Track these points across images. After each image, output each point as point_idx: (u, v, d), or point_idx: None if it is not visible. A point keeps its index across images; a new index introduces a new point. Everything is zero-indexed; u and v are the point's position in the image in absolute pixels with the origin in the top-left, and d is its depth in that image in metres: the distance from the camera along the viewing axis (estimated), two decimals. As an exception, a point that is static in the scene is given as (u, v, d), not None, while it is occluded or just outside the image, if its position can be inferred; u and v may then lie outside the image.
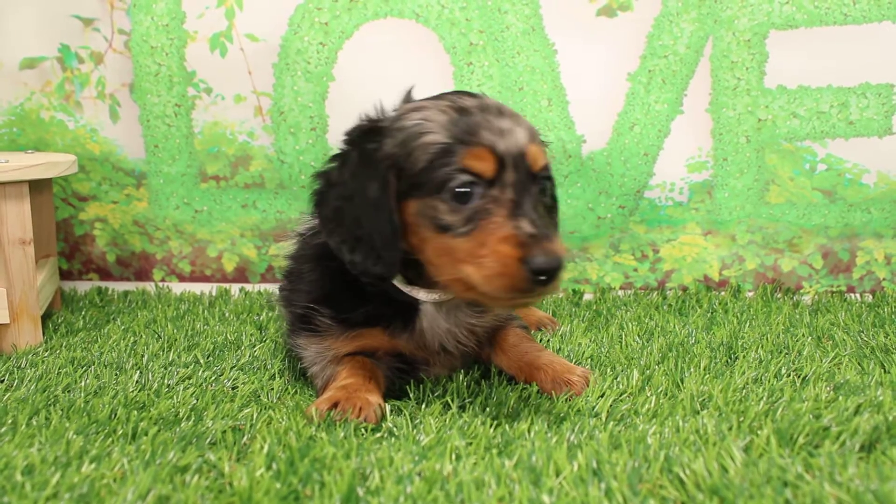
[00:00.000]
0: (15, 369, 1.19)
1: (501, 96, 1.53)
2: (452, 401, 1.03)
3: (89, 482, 0.81)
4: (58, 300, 1.52)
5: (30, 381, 1.13)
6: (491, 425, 0.95)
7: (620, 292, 1.58)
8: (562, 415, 0.99)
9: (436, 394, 1.07)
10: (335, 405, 0.98)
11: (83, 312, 1.49)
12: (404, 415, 0.99)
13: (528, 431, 0.93)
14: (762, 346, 1.24)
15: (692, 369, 1.14)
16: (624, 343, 1.28)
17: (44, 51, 1.52)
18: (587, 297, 1.58)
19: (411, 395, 1.06)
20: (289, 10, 1.50)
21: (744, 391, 1.05)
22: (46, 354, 1.26)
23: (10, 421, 0.98)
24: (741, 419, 0.94)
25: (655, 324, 1.38)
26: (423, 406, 1.03)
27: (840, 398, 1.00)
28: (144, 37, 1.51)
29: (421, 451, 0.87)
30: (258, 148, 1.55)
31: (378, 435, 0.94)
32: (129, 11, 1.51)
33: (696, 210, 1.55)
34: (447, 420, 0.97)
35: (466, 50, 1.52)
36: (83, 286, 1.63)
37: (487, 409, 1.01)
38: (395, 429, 0.95)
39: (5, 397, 1.07)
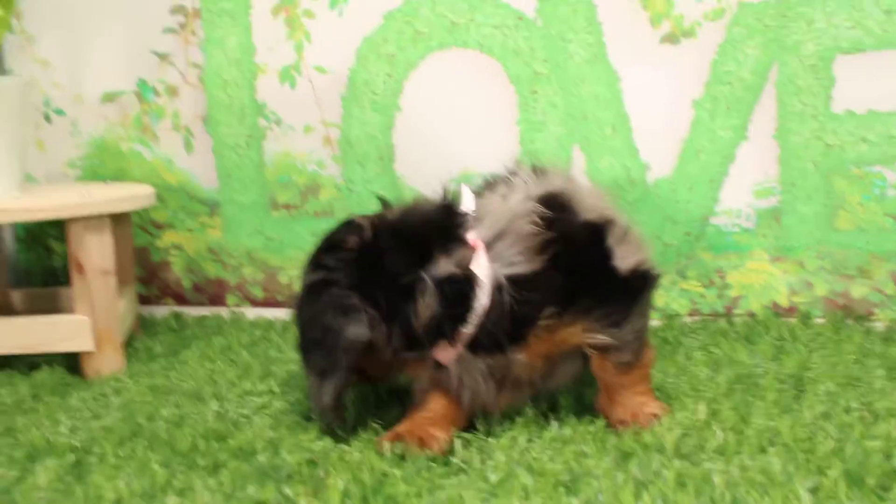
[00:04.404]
0: (100, 397, 1.24)
1: (565, 125, 1.54)
2: (519, 434, 1.05)
3: (175, 516, 0.85)
4: (137, 325, 1.58)
5: (114, 409, 1.18)
6: (559, 461, 0.97)
7: (688, 319, 1.58)
8: (629, 450, 1.00)
9: (503, 426, 1.09)
10: (399, 438, 1.02)
11: (161, 338, 1.55)
12: (473, 448, 1.01)
13: (596, 468, 0.94)
14: (832, 378, 1.22)
15: (760, 403, 1.13)
16: (690, 373, 1.28)
17: (123, 85, 1.59)
18: (654, 323, 1.58)
19: (479, 427, 1.08)
20: (356, 42, 1.54)
21: (812, 427, 1.04)
22: (129, 381, 1.31)
23: (97, 450, 1.03)
24: (809, 458, 0.94)
25: (723, 353, 1.37)
26: (491, 439, 1.05)
27: (912, 437, 0.99)
28: (217, 70, 1.56)
29: (490, 488, 0.89)
30: (327, 177, 1.59)
31: (448, 470, 0.96)
32: (202, 46, 1.56)
33: (763, 236, 1.54)
34: (515, 455, 0.99)
35: (531, 79, 1.54)
36: (160, 311, 1.69)
37: (555, 444, 1.02)
38: (464, 464, 0.98)
39: (92, 426, 1.12)
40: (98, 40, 1.58)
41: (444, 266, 1.02)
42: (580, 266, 1.06)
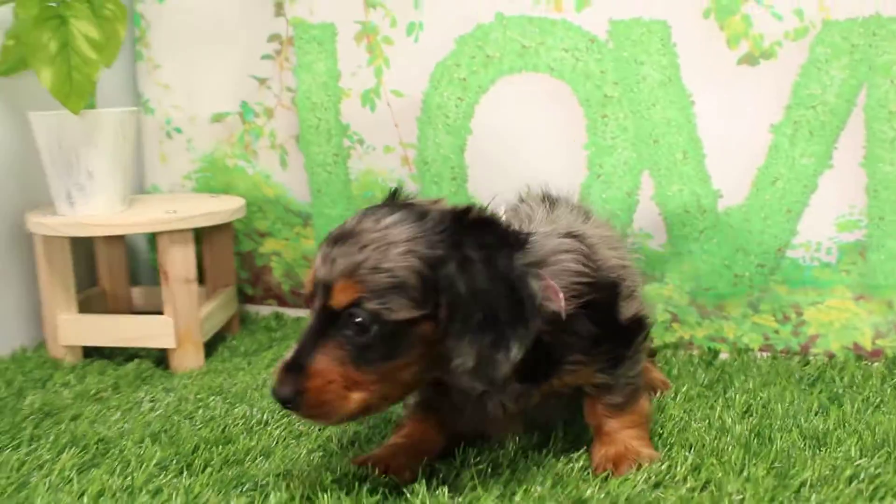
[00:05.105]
0: (162, 392, 1.40)
1: (635, 149, 1.51)
2: (486, 468, 1.07)
3: (129, 516, 0.96)
4: (235, 324, 1.74)
5: (163, 405, 1.33)
6: (499, 502, 0.98)
7: (759, 354, 1.50)
8: (583, 497, 0.99)
9: (476, 459, 1.11)
10: (366, 463, 1.07)
11: (255, 336, 1.70)
12: (432, 479, 1.05)
13: (528, 516, 0.95)
14: (863, 442, 1.12)
15: (758, 463, 1.07)
16: (713, 420, 1.22)
17: (228, 107, 1.76)
18: (723, 356, 1.51)
19: (457, 459, 1.11)
20: (429, 67, 1.59)
21: (790, 499, 0.97)
22: (196, 379, 1.46)
23: (121, 444, 1.17)
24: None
25: (767, 398, 1.29)
26: (457, 469, 1.07)
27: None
28: (307, 94, 1.68)
29: (407, 524, 0.93)
30: (407, 195, 1.66)
31: (389, 501, 1.01)
32: (294, 71, 1.69)
33: (846, 272, 1.42)
34: (467, 491, 1.01)
35: (601, 102, 1.52)
36: (265, 311, 1.84)
37: (512, 484, 1.03)
38: (411, 495, 1.01)
39: (139, 419, 1.27)
40: (209, 67, 1.75)
41: (544, 291, 0.98)
42: (600, 317, 1.04)
